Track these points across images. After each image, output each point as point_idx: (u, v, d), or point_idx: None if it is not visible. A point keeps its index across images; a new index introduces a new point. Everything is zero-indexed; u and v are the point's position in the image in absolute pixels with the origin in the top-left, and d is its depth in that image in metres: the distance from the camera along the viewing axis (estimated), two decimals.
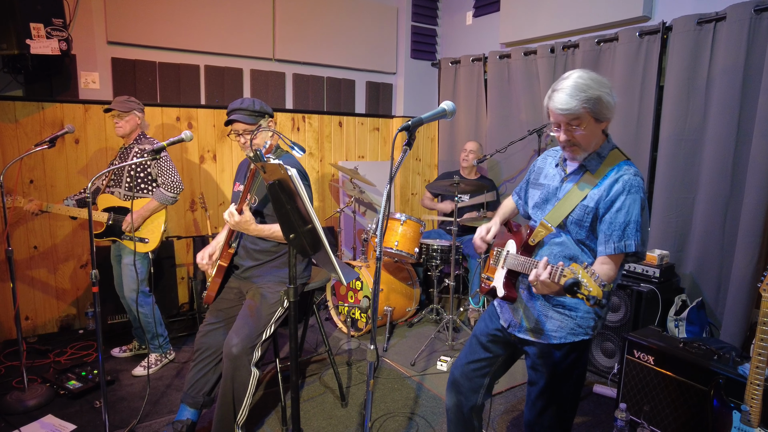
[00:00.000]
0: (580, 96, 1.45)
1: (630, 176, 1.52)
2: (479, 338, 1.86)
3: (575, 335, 1.62)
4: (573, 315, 1.62)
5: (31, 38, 2.93)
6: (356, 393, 2.88)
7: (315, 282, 2.62)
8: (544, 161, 1.81)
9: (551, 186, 1.70)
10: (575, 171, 1.63)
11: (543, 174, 1.77)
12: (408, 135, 1.37)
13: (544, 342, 1.65)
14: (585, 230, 1.57)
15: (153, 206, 2.96)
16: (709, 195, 3.06)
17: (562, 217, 1.59)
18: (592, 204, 1.55)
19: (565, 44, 3.78)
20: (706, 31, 3.02)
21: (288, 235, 1.61)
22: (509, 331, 1.74)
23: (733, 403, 2.03)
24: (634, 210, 1.50)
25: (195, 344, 2.38)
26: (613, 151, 1.60)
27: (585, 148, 1.55)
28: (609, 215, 1.52)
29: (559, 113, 1.49)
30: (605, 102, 1.48)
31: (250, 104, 2.32)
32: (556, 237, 1.63)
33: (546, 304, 1.65)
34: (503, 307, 1.79)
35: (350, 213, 4.42)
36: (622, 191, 1.50)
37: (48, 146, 2.68)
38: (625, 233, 1.49)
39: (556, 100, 1.49)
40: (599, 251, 1.55)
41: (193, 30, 3.83)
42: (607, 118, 1.52)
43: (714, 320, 3.10)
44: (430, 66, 5.10)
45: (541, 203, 1.72)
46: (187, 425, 2.29)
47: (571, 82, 1.47)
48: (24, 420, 2.54)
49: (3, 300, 3.42)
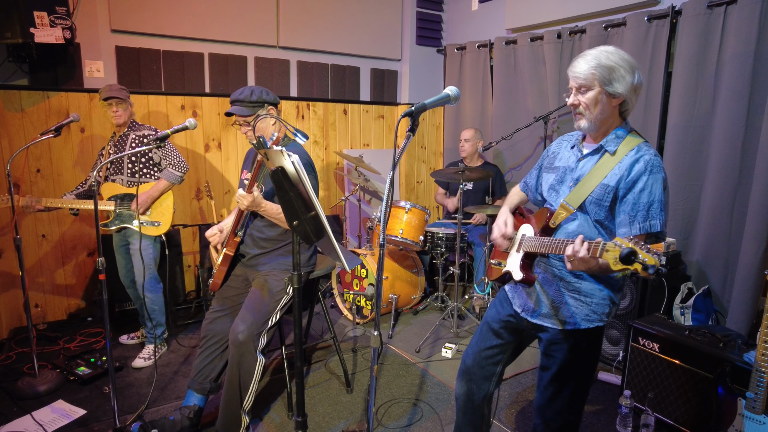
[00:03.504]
0: (593, 63, 1.49)
1: (651, 156, 1.52)
2: (491, 325, 1.84)
3: (590, 321, 1.62)
4: (588, 301, 1.61)
5: (35, 27, 2.92)
6: (361, 379, 2.90)
7: (320, 270, 2.63)
8: (559, 145, 1.79)
9: (567, 167, 1.69)
10: (593, 151, 1.61)
11: (558, 158, 1.75)
12: (411, 121, 1.35)
13: (558, 327, 1.65)
14: (604, 210, 1.56)
15: (162, 186, 3.00)
16: (717, 182, 3.03)
17: (583, 197, 1.57)
18: (612, 183, 1.53)
19: (572, 30, 3.73)
20: (716, 14, 2.96)
21: (291, 221, 1.61)
22: (522, 316, 1.73)
23: (739, 390, 2.03)
24: (657, 189, 1.50)
25: (202, 331, 2.40)
26: (632, 133, 1.60)
27: (590, 119, 1.54)
28: (632, 195, 1.51)
29: (572, 76, 1.54)
30: (619, 75, 1.48)
31: (247, 95, 2.30)
32: (574, 218, 1.61)
33: (561, 289, 1.64)
34: (517, 292, 1.78)
35: (355, 201, 4.42)
36: (644, 171, 1.50)
37: (54, 135, 2.69)
38: (649, 213, 1.49)
39: (572, 64, 1.55)
40: (622, 233, 1.53)
41: (197, 18, 3.81)
42: (619, 93, 1.50)
43: (720, 308, 3.09)
44: (435, 52, 5.05)
45: (557, 184, 1.70)
46: (194, 411, 2.32)
47: (593, 51, 1.53)
48: (35, 405, 2.59)
49: (13, 288, 3.46)
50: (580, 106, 1.55)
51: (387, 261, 3.81)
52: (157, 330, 3.12)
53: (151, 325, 3.09)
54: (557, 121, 3.93)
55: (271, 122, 2.36)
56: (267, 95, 2.35)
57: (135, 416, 2.43)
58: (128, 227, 3.01)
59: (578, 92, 1.54)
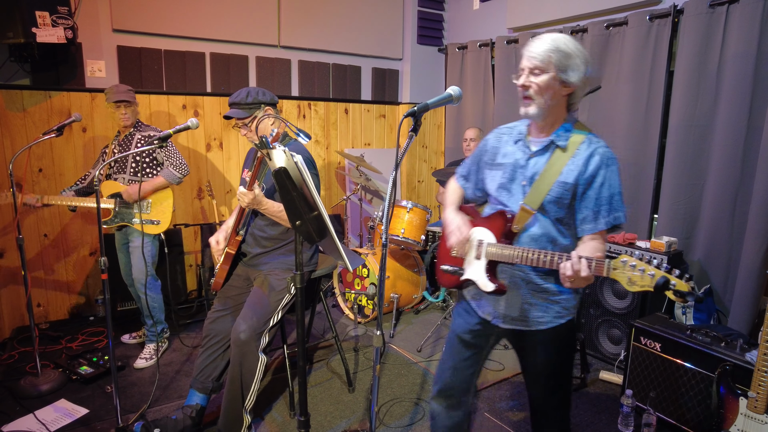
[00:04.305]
0: (551, 45, 1.46)
1: (604, 149, 1.52)
2: (462, 336, 1.75)
3: (561, 317, 1.61)
4: (557, 299, 1.59)
5: (37, 26, 2.93)
6: (363, 378, 2.91)
7: (322, 269, 2.63)
8: (498, 140, 1.71)
9: (515, 164, 1.61)
10: (543, 148, 1.57)
11: (500, 153, 1.68)
12: (414, 120, 1.35)
13: (532, 329, 1.62)
14: (564, 208, 1.53)
15: (158, 182, 3.01)
16: (719, 181, 3.03)
17: (541, 197, 1.53)
18: (571, 180, 1.51)
19: (573, 29, 3.73)
20: (718, 14, 2.96)
21: (294, 221, 1.61)
22: (493, 324, 1.66)
23: (740, 389, 2.03)
24: (615, 182, 1.51)
25: (203, 330, 2.41)
26: (577, 124, 1.57)
27: (540, 104, 1.49)
28: (592, 191, 1.50)
29: (527, 56, 1.49)
30: (575, 63, 1.46)
31: (243, 97, 2.30)
32: (535, 220, 1.57)
33: (529, 292, 1.60)
34: (482, 299, 1.69)
35: (357, 201, 4.42)
36: (600, 165, 1.49)
37: (56, 135, 2.70)
38: (612, 206, 1.50)
39: (528, 45, 1.50)
40: (586, 229, 1.53)
41: (199, 17, 3.81)
42: (572, 82, 1.48)
43: (722, 307, 3.09)
44: (436, 51, 5.05)
45: (507, 183, 1.63)
46: (196, 410, 2.33)
47: (551, 35, 1.49)
48: (38, 404, 2.59)
49: (15, 287, 3.47)
50: (530, 88, 1.49)
51: (388, 260, 3.81)
52: (157, 327, 3.13)
53: (151, 322, 3.10)
54: None
55: (270, 122, 2.36)
56: (263, 96, 2.34)
57: (137, 415, 2.43)
58: (128, 225, 3.02)
59: (531, 74, 1.49)
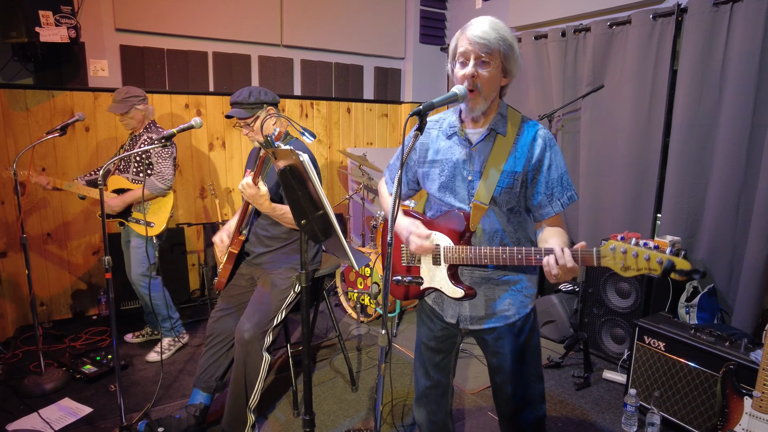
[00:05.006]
0: (500, 33, 1.40)
1: (543, 130, 1.51)
2: (428, 344, 1.71)
3: (525, 306, 1.59)
4: (518, 288, 1.57)
5: (40, 26, 2.93)
6: (366, 377, 2.91)
7: (325, 268, 2.63)
8: (428, 136, 1.62)
9: (455, 160, 1.53)
10: (485, 138, 1.50)
11: (433, 150, 1.59)
12: (419, 120, 1.35)
13: (500, 324, 1.57)
14: (515, 197, 1.49)
15: (137, 194, 2.96)
16: (722, 180, 3.02)
17: (492, 190, 1.47)
18: (519, 168, 1.47)
19: (576, 28, 3.72)
20: (722, 12, 2.95)
21: (299, 221, 1.61)
22: (461, 327, 1.61)
23: (745, 389, 2.03)
24: (560, 161, 1.50)
25: (207, 330, 2.41)
26: (509, 109, 1.54)
27: (485, 97, 1.43)
28: (542, 176, 1.49)
29: (476, 40, 1.38)
30: (516, 54, 1.44)
31: (245, 96, 2.30)
32: (487, 214, 1.51)
33: (491, 288, 1.56)
34: (445, 303, 1.62)
35: (359, 200, 4.42)
36: (545, 147, 1.48)
37: (59, 134, 2.71)
38: (563, 186, 1.50)
39: (473, 28, 1.40)
40: (544, 213, 1.51)
41: (201, 16, 3.81)
42: (511, 73, 1.46)
43: (725, 307, 3.08)
44: (439, 50, 5.04)
45: (449, 181, 1.54)
46: (200, 409, 2.33)
47: (488, 18, 1.43)
48: (42, 403, 2.60)
49: (19, 286, 3.48)
50: (479, 80, 1.41)
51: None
52: (165, 324, 3.14)
53: (158, 321, 3.12)
54: (561, 120, 3.92)
55: (272, 122, 2.36)
56: (265, 95, 2.34)
57: (141, 414, 2.44)
58: (125, 223, 3.05)
59: (479, 63, 1.40)
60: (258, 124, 2.31)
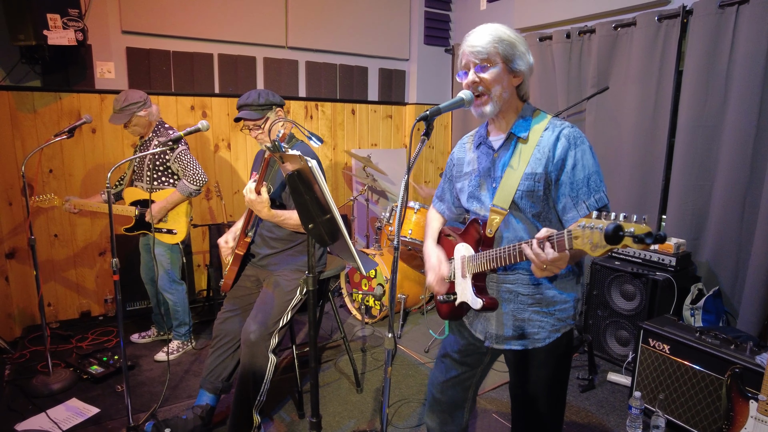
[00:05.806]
0: (494, 36, 1.39)
1: (569, 129, 1.41)
2: (452, 356, 1.68)
3: (558, 331, 1.50)
4: (551, 310, 1.48)
5: (48, 29, 2.95)
6: (371, 379, 2.92)
7: (330, 270, 2.64)
8: (462, 150, 1.66)
9: (481, 168, 1.54)
10: (505, 142, 1.49)
11: (465, 162, 1.62)
12: (426, 125, 1.35)
13: (528, 347, 1.51)
14: (540, 201, 1.42)
15: (175, 198, 2.94)
16: (728, 182, 3.02)
17: (511, 194, 1.42)
18: (540, 169, 1.40)
19: (581, 29, 3.72)
20: (728, 14, 2.95)
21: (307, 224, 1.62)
22: (487, 345, 1.57)
23: (750, 392, 2.02)
24: (588, 161, 1.39)
25: (213, 331, 2.43)
26: (535, 112, 1.49)
27: (495, 98, 1.42)
28: (566, 176, 1.39)
29: (470, 51, 1.41)
30: (520, 52, 1.41)
31: (255, 98, 2.32)
32: (508, 220, 1.46)
33: (520, 305, 1.49)
34: (475, 317, 1.61)
35: (363, 201, 4.43)
36: (568, 147, 1.39)
37: (67, 136, 2.73)
38: (590, 188, 1.38)
39: (468, 39, 1.42)
40: (569, 218, 1.40)
41: (207, 18, 3.83)
42: (521, 70, 1.42)
43: (731, 309, 3.08)
44: (443, 52, 5.04)
45: (475, 190, 1.55)
46: (206, 410, 2.35)
47: (486, 26, 1.43)
48: (49, 403, 2.62)
49: (26, 287, 3.51)
50: (481, 84, 1.41)
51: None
52: (182, 329, 3.16)
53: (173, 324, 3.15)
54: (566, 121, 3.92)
55: (280, 124, 2.38)
56: (273, 97, 2.37)
57: (148, 414, 2.45)
58: (148, 233, 3.04)
59: (479, 69, 1.41)
60: (269, 125, 2.33)
